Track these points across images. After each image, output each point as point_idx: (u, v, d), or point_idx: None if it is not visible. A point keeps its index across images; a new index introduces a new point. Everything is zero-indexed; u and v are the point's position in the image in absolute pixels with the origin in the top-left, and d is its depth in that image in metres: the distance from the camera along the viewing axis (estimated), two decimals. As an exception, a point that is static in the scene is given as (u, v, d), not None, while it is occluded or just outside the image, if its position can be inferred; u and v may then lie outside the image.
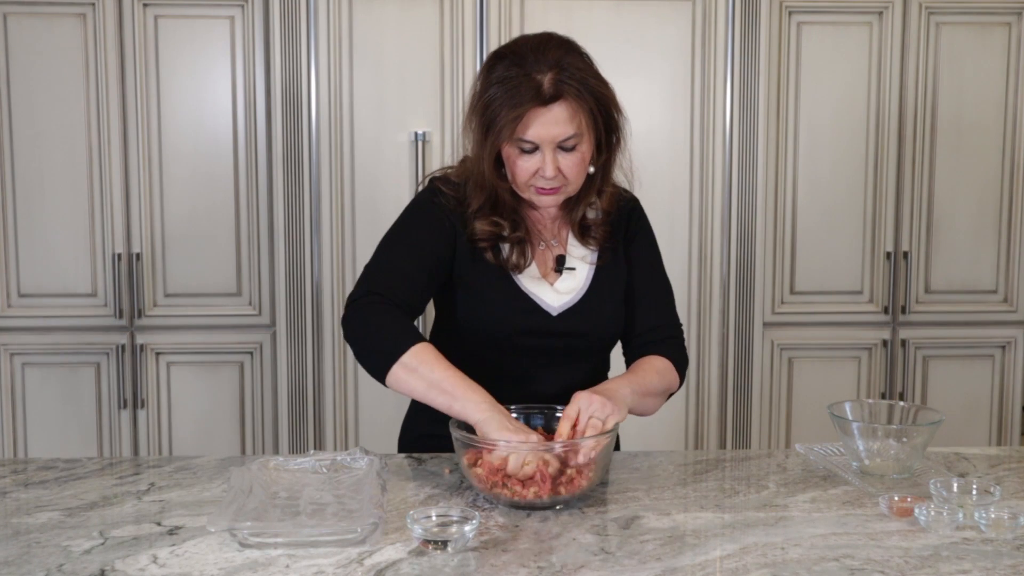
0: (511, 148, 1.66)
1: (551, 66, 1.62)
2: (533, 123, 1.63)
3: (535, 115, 1.62)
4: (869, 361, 3.32)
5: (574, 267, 1.79)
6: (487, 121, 1.65)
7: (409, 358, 1.60)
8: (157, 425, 3.18)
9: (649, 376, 1.75)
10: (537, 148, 1.65)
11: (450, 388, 1.57)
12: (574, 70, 1.64)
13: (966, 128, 3.25)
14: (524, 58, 1.64)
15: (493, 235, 1.74)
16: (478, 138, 1.68)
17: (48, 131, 3.07)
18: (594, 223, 1.80)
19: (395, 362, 1.60)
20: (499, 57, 1.68)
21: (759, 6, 3.10)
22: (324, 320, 3.10)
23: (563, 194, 1.72)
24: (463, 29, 3.05)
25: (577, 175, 1.70)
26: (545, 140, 1.64)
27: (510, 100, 1.62)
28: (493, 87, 1.64)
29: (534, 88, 1.61)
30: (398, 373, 1.60)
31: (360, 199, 3.07)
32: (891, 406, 1.79)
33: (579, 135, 1.66)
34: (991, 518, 1.42)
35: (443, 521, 1.38)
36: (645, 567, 1.31)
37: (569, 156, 1.67)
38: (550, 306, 1.76)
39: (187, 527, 1.43)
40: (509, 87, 1.62)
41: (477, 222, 1.74)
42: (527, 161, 1.66)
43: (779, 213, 3.24)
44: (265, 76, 3.07)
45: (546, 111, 1.62)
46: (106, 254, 3.12)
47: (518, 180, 1.69)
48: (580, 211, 1.79)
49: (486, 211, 1.73)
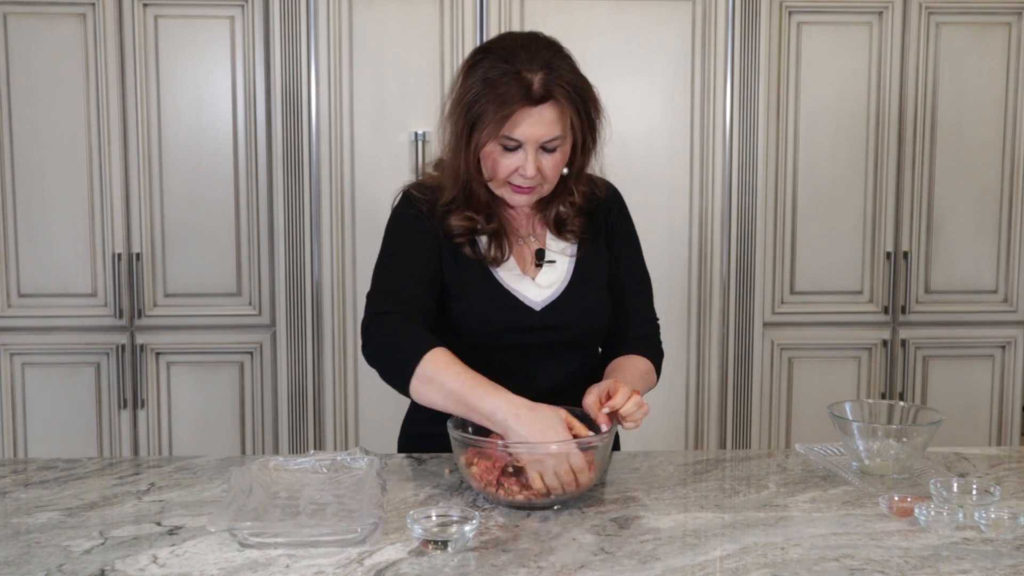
0: (493, 145, 1.66)
1: (541, 66, 1.62)
2: (521, 122, 1.62)
3: (524, 114, 1.62)
4: (869, 361, 3.32)
5: (554, 260, 1.79)
6: (473, 117, 1.64)
7: (423, 369, 1.57)
8: (157, 425, 3.18)
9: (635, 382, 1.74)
10: (519, 147, 1.65)
11: (465, 398, 1.54)
12: (563, 72, 1.64)
13: (966, 128, 3.25)
14: (513, 55, 1.63)
15: (468, 229, 1.74)
16: (460, 132, 1.67)
17: (48, 131, 3.07)
18: (568, 216, 1.80)
19: (412, 377, 1.58)
20: (485, 52, 1.67)
21: (759, 6, 3.10)
22: (324, 320, 3.10)
23: (537, 194, 1.72)
24: (463, 29, 3.05)
25: (555, 176, 1.70)
26: (530, 140, 1.64)
27: (499, 97, 1.61)
28: (480, 83, 1.63)
29: (524, 87, 1.61)
30: (418, 388, 1.58)
31: (360, 199, 3.07)
32: (891, 406, 1.79)
33: (563, 137, 1.66)
34: (991, 518, 1.43)
35: (443, 521, 1.38)
36: (645, 567, 1.31)
37: (550, 157, 1.67)
38: (533, 301, 1.76)
39: (187, 527, 1.43)
40: (498, 84, 1.61)
41: (452, 217, 1.74)
42: (508, 159, 1.66)
43: (779, 213, 3.24)
44: (265, 76, 3.07)
45: (535, 111, 1.62)
46: (106, 254, 3.12)
47: (497, 177, 1.69)
48: (554, 208, 1.79)
49: (460, 206, 1.73)
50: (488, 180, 1.70)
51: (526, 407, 1.50)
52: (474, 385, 1.54)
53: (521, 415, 1.49)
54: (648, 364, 1.82)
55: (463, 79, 1.68)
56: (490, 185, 1.72)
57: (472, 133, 1.65)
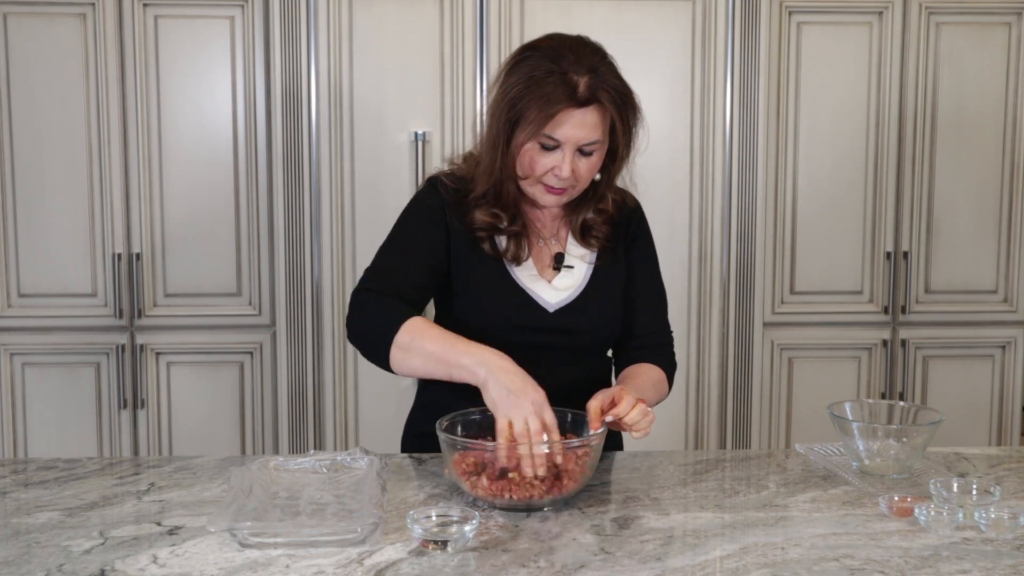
0: (532, 143, 1.66)
1: (588, 69, 1.62)
2: (564, 123, 1.63)
3: (567, 115, 1.62)
4: (869, 361, 3.32)
5: (572, 265, 1.80)
6: (516, 115, 1.64)
7: (401, 336, 1.59)
8: (157, 425, 3.18)
9: (646, 390, 1.75)
10: (558, 147, 1.65)
11: (444, 356, 1.56)
12: (609, 76, 1.65)
13: (966, 128, 3.25)
14: (560, 56, 1.63)
15: (491, 225, 1.74)
16: (500, 128, 1.66)
17: (48, 131, 3.07)
18: (595, 223, 1.81)
19: (391, 345, 1.60)
20: (532, 49, 1.68)
21: (759, 6, 3.10)
22: (324, 320, 3.10)
23: (568, 196, 1.73)
24: (463, 29, 3.05)
25: (587, 180, 1.71)
26: (570, 141, 1.64)
27: (544, 97, 1.61)
28: (524, 81, 1.63)
29: (570, 88, 1.61)
30: (396, 356, 1.60)
31: (360, 199, 3.07)
32: (891, 406, 1.79)
33: (602, 142, 1.67)
34: (991, 518, 1.42)
35: (443, 521, 1.38)
36: (645, 567, 1.31)
37: (586, 160, 1.68)
38: (547, 302, 1.76)
39: (187, 527, 1.43)
40: (543, 84, 1.62)
41: (477, 211, 1.74)
42: (545, 158, 1.66)
43: (779, 213, 3.24)
44: (265, 76, 3.07)
45: (579, 113, 1.62)
46: (106, 254, 3.12)
47: (532, 175, 1.69)
48: (583, 213, 1.79)
49: (488, 201, 1.74)
50: (522, 178, 1.71)
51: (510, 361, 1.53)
52: (455, 342, 1.57)
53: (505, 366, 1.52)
54: (660, 373, 1.82)
55: (507, 75, 1.68)
56: (522, 184, 1.72)
57: (514, 130, 1.65)
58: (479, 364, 1.53)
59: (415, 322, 1.61)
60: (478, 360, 1.54)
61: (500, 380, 1.50)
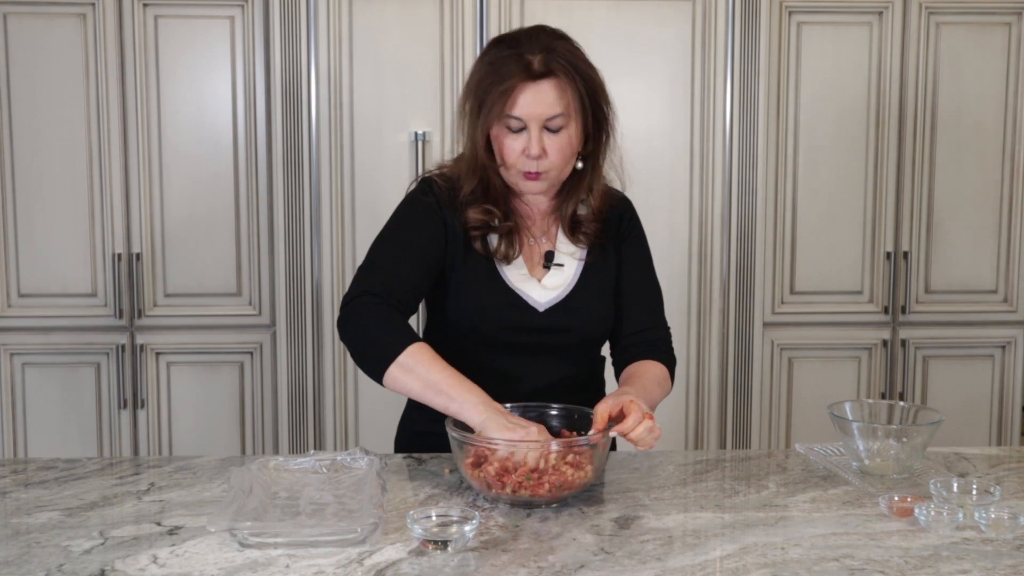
0: (499, 127, 1.69)
1: (542, 48, 1.67)
2: (520, 98, 1.66)
3: (523, 89, 1.66)
4: (869, 361, 3.32)
5: (562, 263, 1.80)
6: (478, 100, 1.68)
7: (405, 358, 1.61)
8: (157, 425, 3.18)
9: (652, 389, 1.75)
10: (524, 128, 1.67)
11: (447, 388, 1.58)
12: (564, 52, 1.69)
13: (966, 128, 3.25)
14: (518, 41, 1.69)
15: (484, 223, 1.76)
16: (471, 118, 1.71)
17: (48, 131, 3.07)
18: (585, 219, 1.81)
19: (392, 363, 1.61)
20: (495, 42, 1.73)
21: (759, 6, 3.10)
22: (324, 320, 3.10)
23: (546, 180, 1.73)
24: (463, 29, 3.05)
25: (562, 159, 1.71)
26: (532, 117, 1.66)
27: (499, 76, 1.66)
28: (486, 67, 1.69)
29: (524, 64, 1.65)
30: (395, 374, 1.61)
31: (360, 199, 3.07)
32: (891, 406, 1.79)
33: (566, 115, 1.68)
34: (991, 518, 1.43)
35: (443, 521, 1.38)
36: (645, 567, 1.31)
37: (555, 138, 1.69)
38: (537, 302, 1.77)
39: (187, 527, 1.43)
40: (499, 65, 1.67)
41: (470, 210, 1.75)
42: (515, 140, 1.69)
43: (779, 213, 3.24)
44: (265, 76, 3.07)
45: (534, 86, 1.65)
46: (106, 254, 3.12)
47: (506, 161, 1.70)
48: (571, 206, 1.80)
49: (478, 197, 1.75)
50: (500, 167, 1.72)
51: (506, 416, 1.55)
52: (460, 380, 1.60)
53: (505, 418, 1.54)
54: (664, 370, 1.82)
55: (473, 68, 1.74)
56: (503, 173, 1.73)
57: (479, 115, 1.68)
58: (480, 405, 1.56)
59: (423, 348, 1.62)
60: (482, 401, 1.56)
61: (499, 421, 1.53)
